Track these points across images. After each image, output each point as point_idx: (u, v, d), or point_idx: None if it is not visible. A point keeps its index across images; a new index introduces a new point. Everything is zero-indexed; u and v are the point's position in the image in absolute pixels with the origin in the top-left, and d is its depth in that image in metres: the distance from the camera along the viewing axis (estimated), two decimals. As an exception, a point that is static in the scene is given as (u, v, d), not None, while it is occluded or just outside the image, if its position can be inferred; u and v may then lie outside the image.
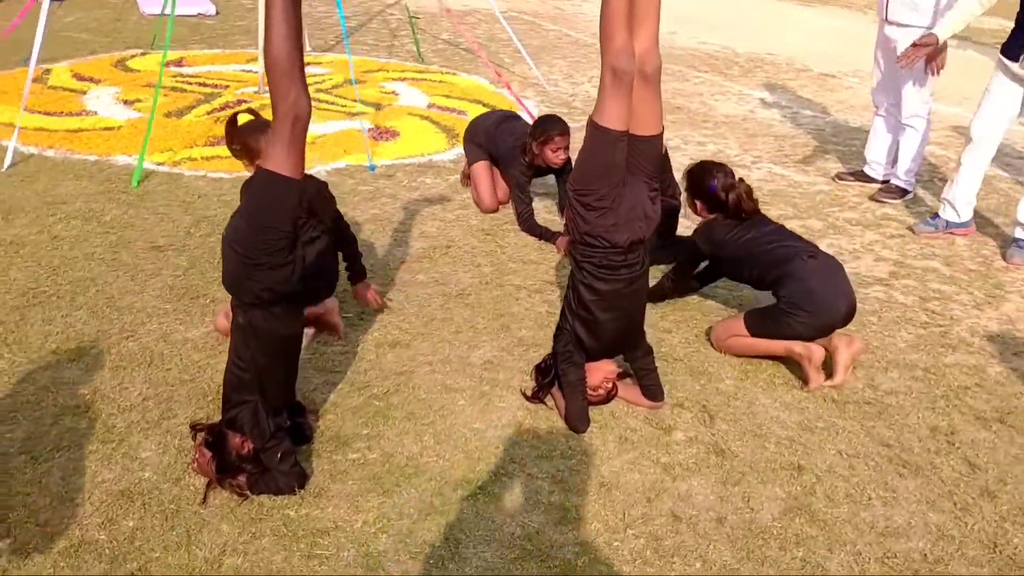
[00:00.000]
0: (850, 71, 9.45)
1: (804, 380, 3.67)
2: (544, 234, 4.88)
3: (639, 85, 3.07)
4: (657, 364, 3.54)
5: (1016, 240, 5.11)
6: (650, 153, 3.14)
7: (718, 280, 4.24)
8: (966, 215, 5.29)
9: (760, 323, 3.73)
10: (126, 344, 3.64)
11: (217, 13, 10.35)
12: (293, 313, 2.86)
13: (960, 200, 5.25)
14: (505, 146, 5.02)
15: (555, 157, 4.78)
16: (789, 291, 3.68)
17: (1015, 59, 4.86)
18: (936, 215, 5.40)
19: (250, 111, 3.51)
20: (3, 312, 3.78)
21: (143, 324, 3.79)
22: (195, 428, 2.95)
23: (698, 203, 3.97)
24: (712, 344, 3.90)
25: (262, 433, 2.82)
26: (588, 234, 3.12)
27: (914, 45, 5.30)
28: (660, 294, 4.18)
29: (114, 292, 4.02)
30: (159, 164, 5.57)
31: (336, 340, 3.76)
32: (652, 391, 3.45)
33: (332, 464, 3.03)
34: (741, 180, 3.92)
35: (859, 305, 4.37)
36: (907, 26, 5.59)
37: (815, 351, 3.61)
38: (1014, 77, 4.91)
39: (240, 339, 2.80)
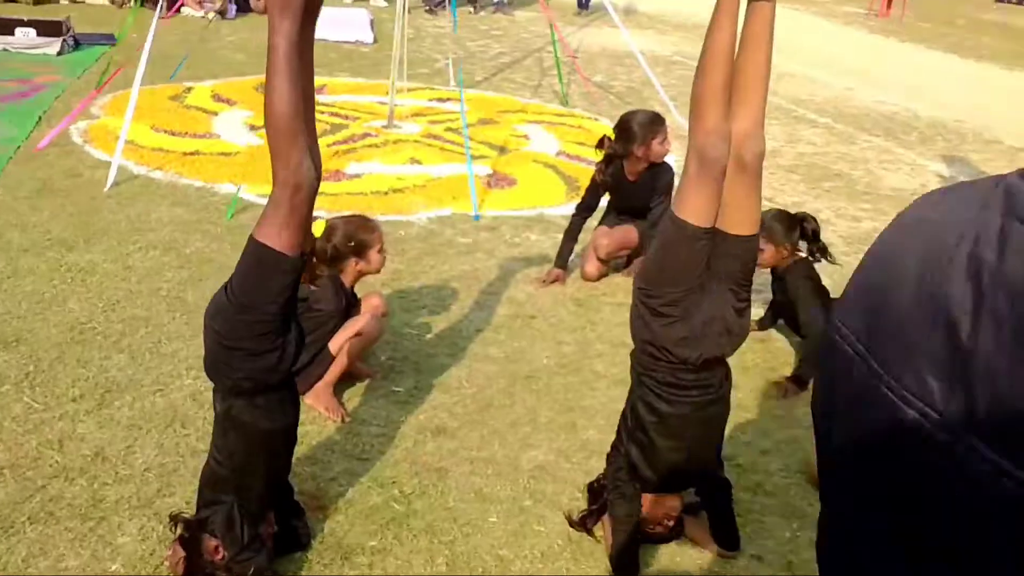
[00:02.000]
0: (1048, 147, 8.34)
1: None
2: (560, 254, 4.62)
3: (734, 174, 2.50)
4: (744, 498, 2.93)
5: None
6: (741, 256, 2.55)
7: None
8: None
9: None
10: (153, 399, 3.35)
11: (375, 42, 10.34)
12: (281, 405, 2.45)
13: None
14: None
15: (664, 147, 4.50)
16: None
17: None
18: None
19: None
20: (44, 348, 3.59)
21: (179, 377, 3.50)
22: (175, 519, 2.58)
23: None
24: (809, 480, 3.23)
25: (235, 541, 2.42)
26: (651, 344, 2.57)
27: None
28: None
29: (163, 336, 3.77)
30: (261, 196, 5.37)
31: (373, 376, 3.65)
32: (725, 536, 2.83)
33: (320, 581, 2.60)
34: None
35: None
36: None
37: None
38: None
39: (218, 429, 2.42)
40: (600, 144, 4.56)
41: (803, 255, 4.04)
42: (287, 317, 2.32)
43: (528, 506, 2.98)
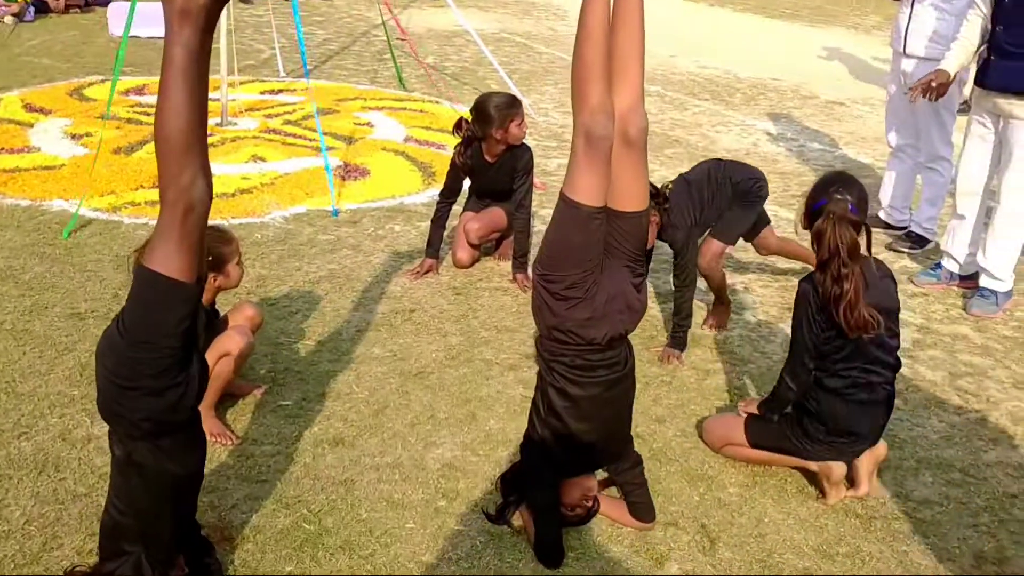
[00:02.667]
0: (859, 98, 8.90)
1: (821, 492, 3.09)
2: (430, 243, 4.55)
3: (620, 151, 2.51)
4: (647, 467, 2.97)
5: (980, 289, 4.64)
6: (633, 232, 2.57)
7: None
8: (971, 267, 4.76)
9: (765, 436, 3.14)
10: (18, 445, 3.06)
11: (192, 34, 9.81)
12: (188, 445, 2.27)
13: (961, 250, 4.77)
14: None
15: (521, 130, 4.46)
16: (827, 407, 3.02)
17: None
18: (938, 264, 4.89)
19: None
20: None
21: (42, 417, 3.22)
22: (71, 575, 2.37)
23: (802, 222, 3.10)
24: (706, 444, 3.32)
25: (146, 593, 2.24)
26: (557, 328, 2.55)
27: (921, 83, 4.76)
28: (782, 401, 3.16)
29: (16, 374, 3.45)
30: (96, 210, 5.01)
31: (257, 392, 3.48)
32: (640, 509, 2.87)
33: (242, 617, 2.46)
34: (864, 226, 2.96)
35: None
36: (928, 59, 5.07)
37: (834, 468, 3.03)
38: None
39: (118, 475, 2.23)
40: (457, 127, 4.52)
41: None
42: (188, 349, 2.15)
43: (443, 506, 2.92)
